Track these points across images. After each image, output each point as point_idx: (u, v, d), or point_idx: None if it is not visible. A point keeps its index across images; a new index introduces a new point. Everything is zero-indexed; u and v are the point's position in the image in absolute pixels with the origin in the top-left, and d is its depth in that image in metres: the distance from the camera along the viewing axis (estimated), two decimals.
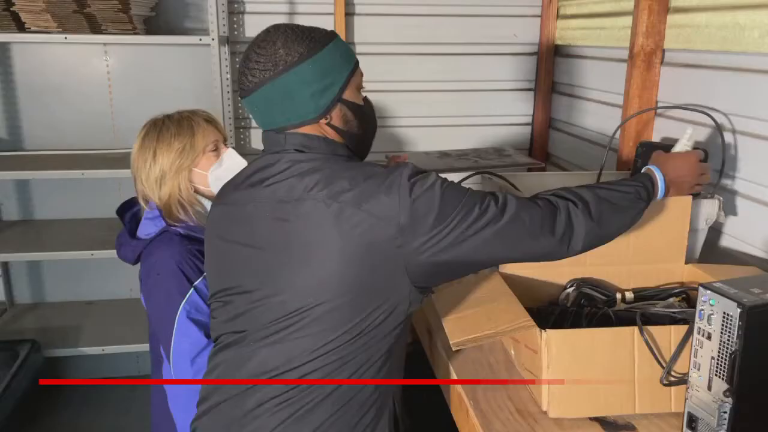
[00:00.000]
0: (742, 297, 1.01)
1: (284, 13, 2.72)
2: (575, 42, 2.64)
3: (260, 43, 1.20)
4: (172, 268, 1.49)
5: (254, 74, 1.19)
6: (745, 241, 1.65)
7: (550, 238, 1.16)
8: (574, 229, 1.18)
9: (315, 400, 1.18)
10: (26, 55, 2.70)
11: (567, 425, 1.19)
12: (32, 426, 2.67)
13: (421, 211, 1.11)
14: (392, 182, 1.13)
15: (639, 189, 1.28)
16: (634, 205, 1.26)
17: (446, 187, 1.15)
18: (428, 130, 2.93)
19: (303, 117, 1.21)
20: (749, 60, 1.62)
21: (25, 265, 2.93)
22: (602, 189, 1.25)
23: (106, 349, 2.63)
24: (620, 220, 1.25)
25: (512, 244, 1.16)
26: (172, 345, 1.49)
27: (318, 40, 1.20)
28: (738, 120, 1.66)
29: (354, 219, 1.12)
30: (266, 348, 1.21)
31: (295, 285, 1.17)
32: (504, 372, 1.38)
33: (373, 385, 1.22)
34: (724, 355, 1.03)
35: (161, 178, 1.55)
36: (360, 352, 1.18)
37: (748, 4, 1.59)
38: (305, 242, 1.16)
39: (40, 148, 2.77)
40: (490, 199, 1.16)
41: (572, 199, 1.20)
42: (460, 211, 1.13)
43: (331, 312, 1.15)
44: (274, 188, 1.20)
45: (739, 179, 1.66)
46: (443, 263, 1.14)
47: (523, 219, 1.15)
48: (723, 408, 1.04)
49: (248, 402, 1.21)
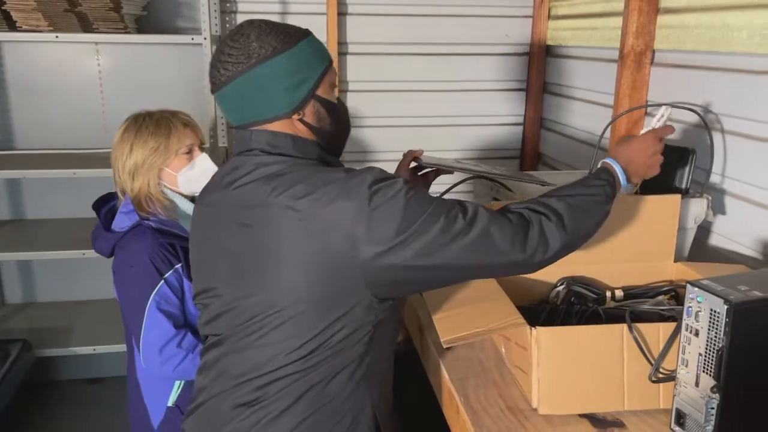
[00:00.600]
0: (729, 294, 1.02)
1: (276, 12, 2.72)
2: (566, 42, 2.65)
3: (233, 37, 1.18)
4: (144, 261, 1.56)
5: (227, 67, 1.17)
6: (734, 239, 1.67)
7: (521, 254, 1.12)
8: (547, 243, 1.14)
9: (283, 406, 1.18)
10: (17, 54, 2.69)
11: (557, 422, 1.19)
12: (23, 426, 2.66)
13: (380, 220, 1.07)
14: (352, 189, 1.09)
15: (605, 188, 1.25)
16: (603, 207, 1.23)
17: (411, 197, 1.10)
18: (420, 129, 2.94)
19: (275, 111, 1.19)
20: (738, 60, 1.64)
21: (16, 264, 2.93)
22: (572, 196, 1.21)
23: (97, 349, 2.63)
24: (591, 225, 1.22)
25: (480, 260, 1.11)
26: (141, 335, 1.56)
27: (292, 35, 1.19)
28: (727, 120, 1.68)
29: (312, 226, 1.09)
30: (237, 353, 1.22)
31: (260, 291, 1.17)
32: (494, 369, 1.38)
33: (345, 393, 1.20)
34: (712, 351, 1.04)
35: (134, 171, 1.62)
36: (328, 360, 1.17)
37: (737, 5, 1.60)
38: (267, 249, 1.14)
39: (32, 147, 2.76)
40: (458, 212, 1.11)
41: (545, 213, 1.16)
42: (424, 223, 1.08)
43: (295, 319, 1.14)
44: (241, 191, 1.18)
45: (728, 178, 1.68)
46: (402, 276, 1.11)
47: (492, 234, 1.11)
48: (710, 404, 1.05)
49: (225, 404, 1.22)
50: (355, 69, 2.84)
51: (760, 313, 1.02)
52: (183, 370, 1.57)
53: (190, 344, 1.57)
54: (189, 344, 1.57)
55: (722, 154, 1.68)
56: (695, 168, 1.60)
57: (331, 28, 2.70)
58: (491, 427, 1.19)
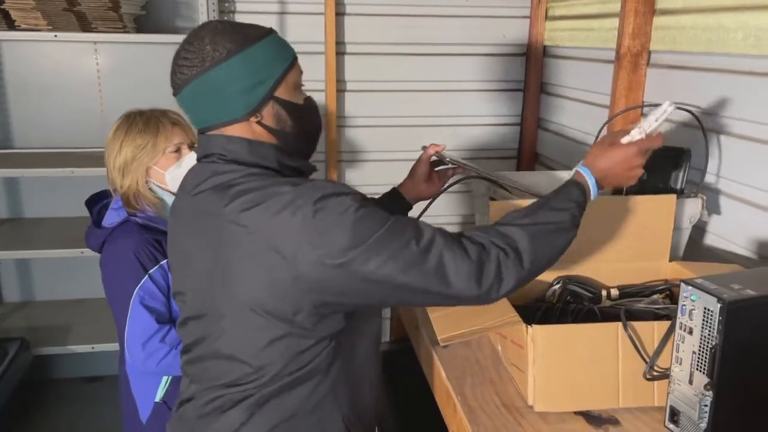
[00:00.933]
0: (722, 293, 1.03)
1: (274, 12, 2.73)
2: (563, 43, 2.66)
3: (189, 40, 1.16)
4: (129, 256, 1.60)
5: (183, 71, 1.16)
6: (729, 239, 1.68)
7: (475, 290, 1.08)
8: (502, 280, 1.10)
9: (242, 419, 1.18)
10: (16, 53, 2.70)
11: (552, 419, 1.21)
12: (21, 424, 2.67)
13: (326, 236, 1.05)
14: (298, 203, 1.07)
15: (573, 213, 1.18)
16: (567, 234, 1.18)
17: (361, 215, 1.07)
18: (417, 129, 2.95)
19: (232, 115, 1.16)
20: (733, 61, 1.65)
21: (14, 263, 2.93)
22: (536, 225, 1.15)
23: (95, 347, 2.63)
24: (553, 254, 1.17)
25: (429, 289, 1.08)
26: (126, 330, 1.60)
27: (249, 36, 1.15)
28: (722, 120, 1.69)
29: (257, 239, 1.08)
30: (199, 362, 1.24)
31: (214, 302, 1.18)
32: (491, 367, 1.40)
33: (309, 406, 1.19)
34: (705, 349, 1.05)
35: (123, 168, 1.66)
36: (285, 373, 1.16)
37: (732, 6, 1.62)
38: (217, 260, 1.15)
39: (30, 146, 2.76)
40: (412, 237, 1.07)
41: (503, 248, 1.11)
42: (373, 245, 1.05)
43: (245, 333, 1.15)
44: (198, 199, 1.18)
45: (723, 179, 1.69)
46: (346, 293, 1.09)
47: (446, 265, 1.07)
48: (704, 401, 1.06)
49: (192, 413, 1.25)
50: (353, 69, 2.85)
51: (752, 311, 1.03)
52: (167, 365, 1.60)
53: (173, 340, 1.60)
54: (173, 340, 1.60)
55: (717, 155, 1.70)
56: (690, 168, 1.61)
57: (329, 28, 2.70)
58: (487, 424, 1.20)
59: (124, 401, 1.76)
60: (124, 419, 1.77)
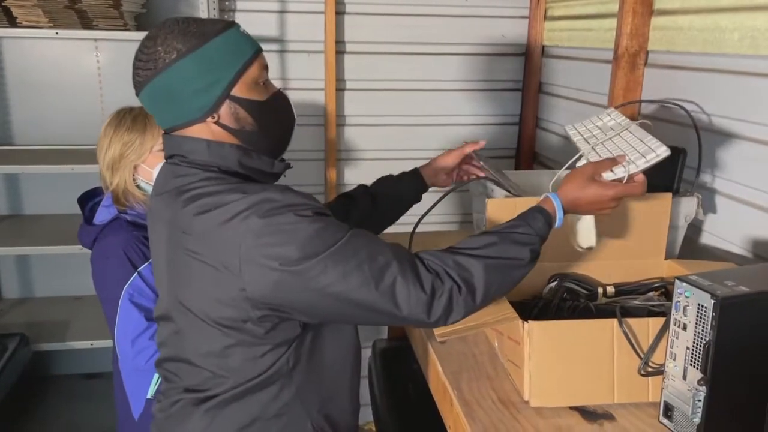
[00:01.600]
0: (716, 289, 1.04)
1: (275, 11, 2.74)
2: (562, 43, 2.68)
3: (145, 41, 1.16)
4: (118, 253, 1.61)
5: (138, 74, 1.16)
6: (724, 238, 1.69)
7: (423, 318, 1.10)
8: (451, 313, 1.11)
9: (204, 424, 1.19)
10: (17, 50, 2.70)
11: (548, 414, 1.22)
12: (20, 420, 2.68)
13: (273, 249, 1.04)
14: (247, 213, 1.06)
15: (534, 248, 1.18)
16: (523, 270, 1.18)
17: (315, 229, 1.06)
18: (416, 128, 2.96)
19: (188, 117, 1.15)
20: (729, 62, 1.66)
21: (14, 259, 2.93)
22: (496, 259, 1.14)
23: (94, 344, 2.64)
24: (503, 290, 1.19)
25: (377, 309, 1.08)
26: (115, 327, 1.61)
27: (202, 34, 1.12)
28: (719, 120, 1.70)
29: (208, 244, 1.09)
30: (166, 363, 1.26)
31: (169, 304, 1.21)
32: (488, 363, 1.41)
33: (272, 411, 1.19)
34: (699, 345, 1.06)
35: (112, 165, 1.68)
36: (243, 379, 1.17)
37: (729, 7, 1.63)
38: (172, 262, 1.17)
39: (30, 143, 2.77)
40: (366, 258, 1.07)
41: (457, 281, 1.11)
42: (324, 260, 1.04)
43: (198, 337, 1.16)
44: (161, 200, 1.19)
45: (718, 178, 1.70)
46: (290, 308, 1.09)
47: (397, 293, 1.07)
48: (697, 396, 1.07)
49: (161, 414, 1.27)
50: (353, 68, 2.86)
51: (745, 307, 1.04)
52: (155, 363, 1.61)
53: None
54: None
55: (713, 154, 1.71)
56: (686, 167, 1.63)
57: (329, 27, 2.71)
58: (483, 419, 1.21)
59: (118, 398, 1.77)
60: (119, 416, 1.78)
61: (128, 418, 1.72)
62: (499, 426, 1.19)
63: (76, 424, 2.69)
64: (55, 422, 2.69)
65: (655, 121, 1.97)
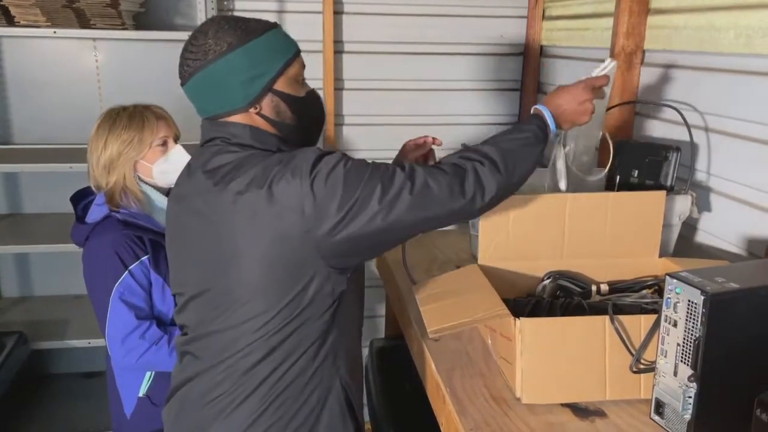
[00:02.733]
0: (705, 285, 1.04)
1: (273, 11, 2.74)
2: (560, 43, 2.68)
3: (195, 35, 1.23)
4: (108, 252, 1.61)
5: (188, 64, 1.22)
6: (719, 236, 1.70)
7: (461, 201, 1.18)
8: (484, 187, 1.20)
9: (247, 391, 1.22)
10: (15, 49, 2.71)
11: (540, 411, 1.22)
12: (18, 418, 2.68)
13: (325, 194, 1.13)
14: (295, 167, 1.15)
15: (535, 132, 1.30)
16: (534, 148, 1.29)
17: (350, 166, 1.16)
18: (415, 128, 2.94)
19: (232, 106, 1.23)
20: (724, 60, 1.67)
21: (13, 258, 2.94)
22: (504, 141, 1.27)
23: (92, 342, 2.64)
24: (525, 166, 1.27)
25: (424, 213, 1.17)
26: (106, 325, 1.62)
27: (251, 30, 1.21)
28: (713, 119, 1.70)
29: (261, 210, 1.14)
30: (200, 340, 1.27)
31: (214, 279, 1.22)
32: (481, 360, 1.41)
33: (309, 372, 1.25)
34: (689, 341, 1.06)
35: (109, 165, 1.67)
36: (290, 339, 1.21)
37: (723, 6, 1.63)
38: (219, 236, 1.19)
39: (29, 142, 2.78)
40: (395, 170, 1.18)
41: (478, 159, 1.22)
42: (365, 188, 1.14)
43: (251, 302, 1.19)
44: (198, 180, 1.23)
45: (713, 176, 1.71)
46: (355, 243, 1.16)
47: (431, 186, 1.17)
48: (687, 393, 1.07)
49: (193, 392, 1.28)
50: (351, 67, 2.86)
51: (735, 304, 1.04)
52: (146, 362, 1.61)
53: (153, 336, 1.60)
54: (153, 336, 1.60)
55: (707, 152, 1.71)
56: (680, 165, 1.63)
57: (327, 27, 2.72)
58: (475, 415, 1.21)
59: (111, 395, 1.77)
60: (112, 414, 1.79)
61: (122, 416, 1.73)
62: (490, 422, 1.19)
63: (74, 423, 2.69)
64: (52, 421, 2.70)
65: (650, 120, 1.98)
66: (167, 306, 1.66)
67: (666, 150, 1.62)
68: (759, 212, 1.55)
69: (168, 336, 1.61)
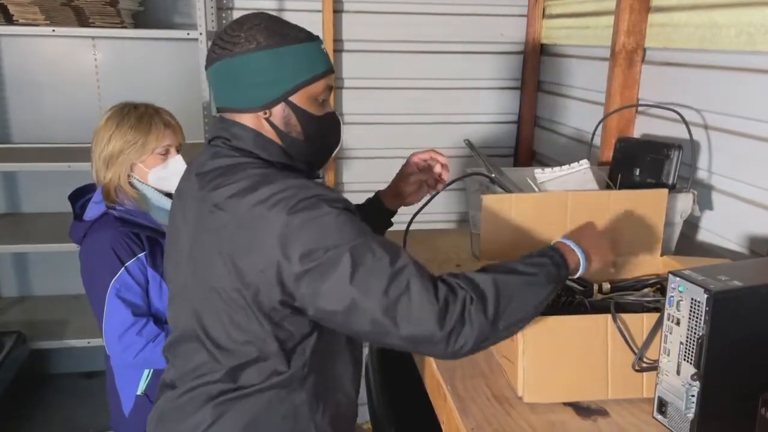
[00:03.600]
0: (709, 283, 1.04)
1: (273, 9, 2.73)
2: (560, 41, 2.67)
3: (233, 24, 1.21)
4: (105, 249, 1.62)
5: (215, 50, 1.21)
6: (721, 234, 1.69)
7: (436, 331, 1.05)
8: (464, 325, 1.05)
9: (209, 420, 1.20)
10: (14, 48, 2.70)
11: (541, 410, 1.21)
12: (17, 418, 2.67)
13: (299, 239, 1.06)
14: (282, 198, 1.08)
15: (547, 268, 1.14)
16: (539, 289, 1.12)
17: (342, 221, 1.08)
18: (415, 127, 2.96)
19: (244, 103, 1.20)
20: (726, 58, 1.66)
21: (12, 257, 2.94)
22: (505, 274, 1.12)
23: (92, 342, 2.64)
24: (522, 312, 1.11)
25: (390, 318, 1.05)
26: (103, 321, 1.62)
27: (285, 36, 1.18)
28: (715, 117, 1.70)
29: (236, 226, 1.11)
30: (175, 347, 1.26)
31: (190, 283, 1.21)
32: (483, 361, 1.40)
33: (281, 412, 1.21)
34: (692, 340, 1.06)
35: (109, 160, 1.68)
36: (255, 372, 1.18)
37: (725, 3, 1.62)
38: (196, 242, 1.18)
39: (28, 141, 2.77)
40: (384, 254, 1.07)
41: (469, 292, 1.07)
42: (339, 252, 1.05)
43: (226, 310, 1.16)
44: (196, 180, 1.22)
45: (715, 174, 1.70)
46: (306, 298, 1.09)
47: (412, 296, 1.05)
48: (691, 391, 1.07)
49: (167, 406, 1.27)
50: (351, 66, 2.85)
51: (739, 302, 1.04)
52: (143, 359, 1.61)
53: (150, 333, 1.61)
54: (150, 333, 1.61)
55: (709, 150, 1.70)
56: (682, 164, 1.62)
57: (327, 25, 2.71)
58: (477, 414, 1.20)
59: (111, 395, 1.77)
60: (111, 413, 1.78)
61: (119, 415, 1.72)
62: (492, 421, 1.18)
63: (73, 423, 2.69)
64: (52, 421, 2.69)
65: (652, 118, 1.98)
66: (164, 303, 1.65)
67: (668, 148, 1.61)
68: (761, 210, 1.55)
69: (165, 333, 1.61)
